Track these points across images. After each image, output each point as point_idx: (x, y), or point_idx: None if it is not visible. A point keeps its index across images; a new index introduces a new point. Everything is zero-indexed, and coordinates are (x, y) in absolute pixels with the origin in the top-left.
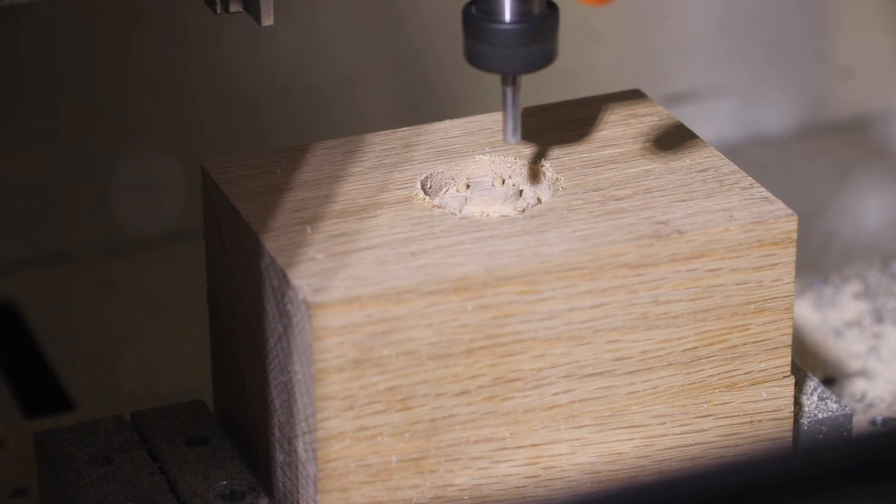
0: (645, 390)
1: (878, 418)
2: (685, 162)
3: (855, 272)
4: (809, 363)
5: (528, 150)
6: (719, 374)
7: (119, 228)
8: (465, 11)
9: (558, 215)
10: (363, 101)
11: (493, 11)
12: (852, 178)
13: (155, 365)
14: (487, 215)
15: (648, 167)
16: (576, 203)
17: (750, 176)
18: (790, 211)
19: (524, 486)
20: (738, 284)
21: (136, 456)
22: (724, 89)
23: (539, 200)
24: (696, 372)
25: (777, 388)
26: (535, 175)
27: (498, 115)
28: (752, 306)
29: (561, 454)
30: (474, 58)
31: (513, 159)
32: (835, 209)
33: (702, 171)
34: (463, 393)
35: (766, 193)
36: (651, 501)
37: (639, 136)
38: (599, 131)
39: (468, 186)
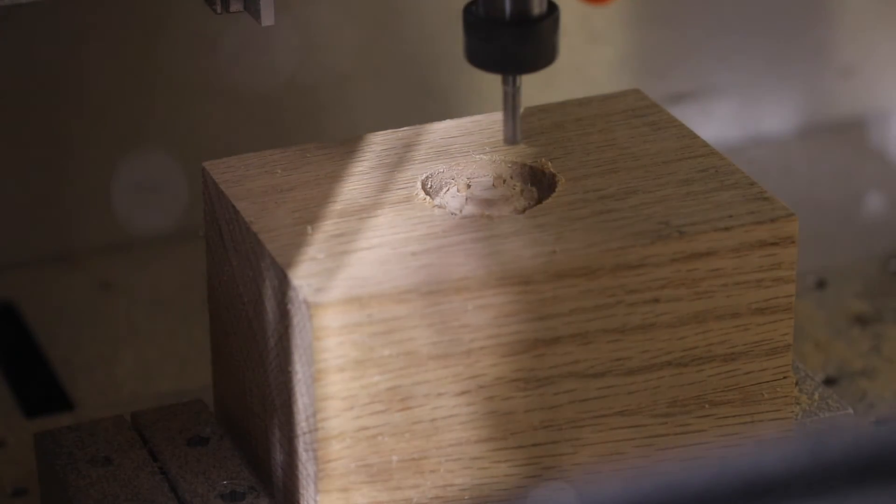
0: (645, 390)
1: (879, 418)
2: (685, 162)
3: (855, 272)
4: (810, 363)
5: (529, 150)
6: (720, 373)
7: (119, 228)
8: (466, 11)
9: (559, 215)
10: (363, 101)
11: (493, 11)
12: (852, 178)
13: (155, 365)
14: (488, 215)
15: (648, 167)
16: (576, 203)
17: (750, 176)
18: (790, 211)
19: (525, 486)
20: (739, 284)
21: (136, 456)
22: (724, 89)
23: (539, 200)
24: (696, 372)
25: (777, 388)
26: (535, 175)
27: (498, 115)
28: (752, 306)
29: (561, 454)
30: (474, 57)
31: (513, 159)
32: (835, 209)
33: (702, 170)
34: (463, 393)
35: (767, 193)
36: (651, 501)
37: (639, 136)
38: (599, 131)
39: (469, 186)
